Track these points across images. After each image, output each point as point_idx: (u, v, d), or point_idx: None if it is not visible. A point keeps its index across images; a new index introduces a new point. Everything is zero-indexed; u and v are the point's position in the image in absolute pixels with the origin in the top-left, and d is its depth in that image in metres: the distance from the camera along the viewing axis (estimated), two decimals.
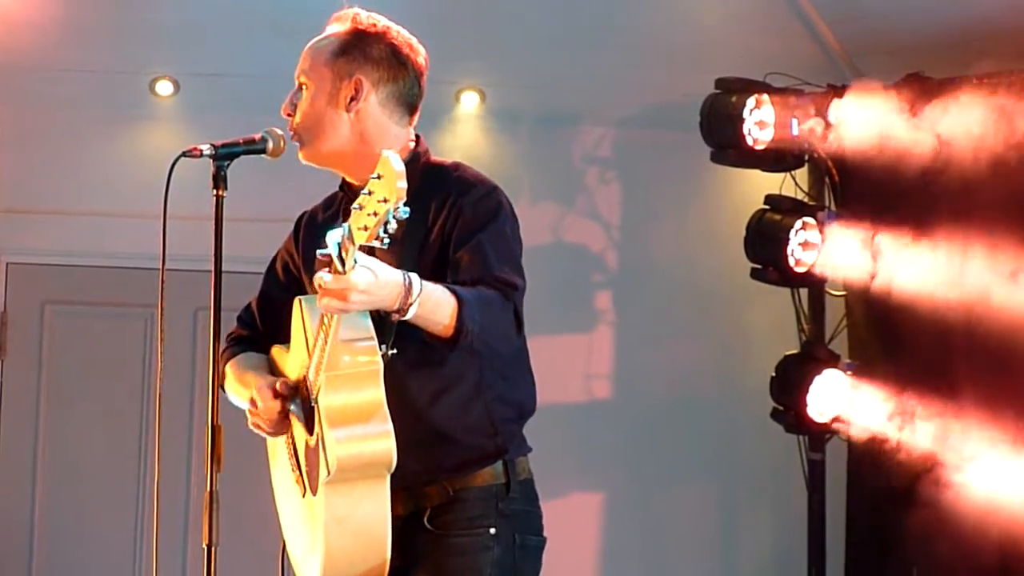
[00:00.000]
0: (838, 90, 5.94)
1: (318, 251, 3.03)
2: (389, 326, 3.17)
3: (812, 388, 6.07)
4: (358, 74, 3.44)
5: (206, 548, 3.11)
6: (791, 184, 6.30)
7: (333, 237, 2.94)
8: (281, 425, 3.39)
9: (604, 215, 6.90)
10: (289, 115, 3.48)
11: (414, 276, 3.09)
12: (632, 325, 6.88)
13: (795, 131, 5.99)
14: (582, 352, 6.83)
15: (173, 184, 3.23)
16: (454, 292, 3.15)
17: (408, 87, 3.49)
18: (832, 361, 6.15)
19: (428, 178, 3.40)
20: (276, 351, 3.56)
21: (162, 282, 3.25)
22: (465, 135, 6.64)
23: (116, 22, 6.04)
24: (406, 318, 3.09)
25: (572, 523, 6.73)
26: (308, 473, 3.31)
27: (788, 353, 6.25)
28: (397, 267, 3.11)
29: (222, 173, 3.24)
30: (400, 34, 3.50)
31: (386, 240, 2.85)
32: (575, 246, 6.85)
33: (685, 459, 6.84)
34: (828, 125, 5.92)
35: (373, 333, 3.16)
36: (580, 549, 6.79)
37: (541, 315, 6.59)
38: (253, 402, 3.37)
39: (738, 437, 6.78)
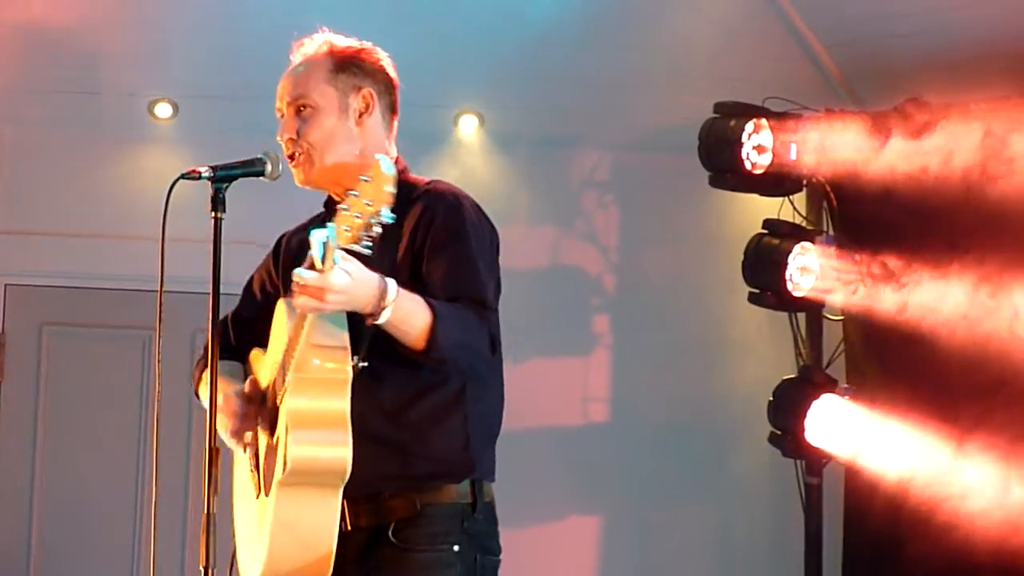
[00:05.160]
0: (836, 114, 5.95)
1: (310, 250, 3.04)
2: (363, 337, 3.19)
3: (810, 412, 6.06)
4: (367, 87, 3.48)
5: (203, 570, 3.11)
6: (789, 209, 6.31)
7: (318, 236, 2.95)
8: (242, 432, 3.39)
9: (602, 238, 6.90)
10: (292, 139, 3.48)
11: (390, 281, 3.12)
12: (629, 349, 6.88)
13: (793, 156, 6.00)
14: (579, 375, 6.81)
15: (172, 206, 3.24)
16: (430, 305, 3.18)
17: (394, 97, 3.58)
18: (830, 385, 6.15)
19: (403, 192, 3.42)
20: (254, 355, 3.57)
21: (160, 304, 3.26)
22: (463, 158, 6.64)
23: (115, 44, 6.05)
24: (379, 322, 3.12)
25: (569, 546, 6.73)
26: (265, 473, 3.33)
27: (786, 377, 6.25)
28: None
29: (220, 195, 3.25)
30: (376, 49, 3.56)
31: (367, 244, 2.88)
32: (573, 269, 6.85)
33: (682, 482, 6.83)
34: (826, 150, 5.93)
35: (347, 343, 3.18)
36: (577, 572, 6.78)
37: (538, 338, 6.64)
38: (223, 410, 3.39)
39: (735, 461, 6.77)
